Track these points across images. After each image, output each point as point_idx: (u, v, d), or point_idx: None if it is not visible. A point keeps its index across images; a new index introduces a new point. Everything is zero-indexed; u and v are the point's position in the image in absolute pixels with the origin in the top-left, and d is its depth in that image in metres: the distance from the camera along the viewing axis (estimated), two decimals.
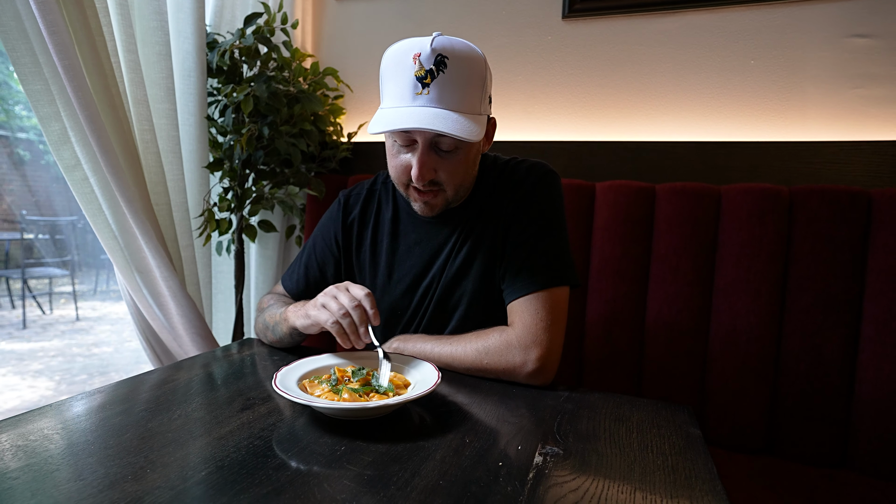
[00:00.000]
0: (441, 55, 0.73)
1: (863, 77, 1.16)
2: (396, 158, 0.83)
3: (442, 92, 0.74)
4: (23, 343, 3.43)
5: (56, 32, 0.96)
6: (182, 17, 1.27)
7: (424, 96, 0.74)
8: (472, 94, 0.77)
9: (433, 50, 0.73)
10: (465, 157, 0.82)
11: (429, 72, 0.74)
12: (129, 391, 0.73)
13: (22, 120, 4.81)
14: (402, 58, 0.76)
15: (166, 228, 1.26)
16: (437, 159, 0.80)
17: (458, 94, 0.75)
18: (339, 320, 0.74)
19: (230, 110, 1.36)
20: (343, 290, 0.76)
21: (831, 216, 1.05)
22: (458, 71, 0.75)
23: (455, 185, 0.84)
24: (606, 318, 1.19)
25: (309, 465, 0.53)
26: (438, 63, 0.73)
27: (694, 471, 0.55)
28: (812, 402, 1.05)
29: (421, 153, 0.79)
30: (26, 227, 4.45)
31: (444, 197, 0.85)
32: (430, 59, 0.73)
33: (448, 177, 0.82)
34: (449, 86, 0.74)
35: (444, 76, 0.74)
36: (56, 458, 0.53)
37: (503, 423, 0.66)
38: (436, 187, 0.83)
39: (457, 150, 0.80)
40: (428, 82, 0.74)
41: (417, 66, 0.74)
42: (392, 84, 0.78)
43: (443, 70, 0.74)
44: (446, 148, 0.79)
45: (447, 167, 0.81)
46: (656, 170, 1.28)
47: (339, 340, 0.76)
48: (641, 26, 1.32)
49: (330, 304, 0.76)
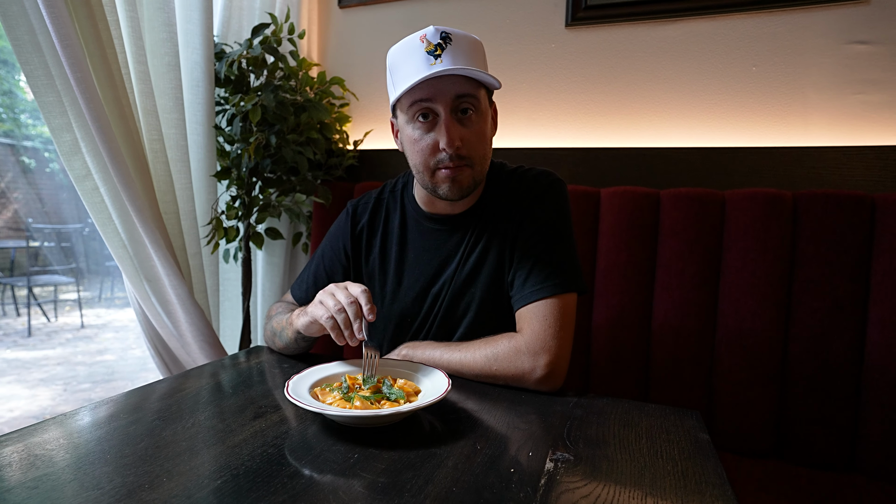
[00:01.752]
0: (444, 32, 0.81)
1: (864, 83, 1.16)
2: (420, 142, 0.84)
3: (455, 58, 0.80)
4: (28, 351, 3.44)
5: (69, 45, 0.98)
6: (191, 29, 1.29)
7: (439, 65, 0.79)
8: (479, 60, 0.84)
9: (437, 29, 0.80)
10: (482, 125, 0.86)
11: (437, 45, 0.80)
12: (140, 400, 0.74)
13: (28, 128, 4.85)
14: (409, 43, 0.82)
15: (175, 237, 1.27)
16: (461, 128, 0.84)
17: (469, 58, 0.81)
18: (333, 315, 0.74)
19: (238, 119, 1.38)
20: (342, 287, 0.77)
21: (835, 220, 1.05)
22: (463, 43, 0.82)
23: (479, 156, 0.86)
24: (613, 322, 1.19)
25: (323, 473, 0.54)
26: (444, 38, 0.80)
27: (704, 476, 0.55)
28: (820, 405, 1.05)
29: (446, 120, 0.82)
30: (32, 235, 4.47)
31: (469, 172, 0.86)
32: (436, 35, 0.80)
33: (471, 147, 0.84)
34: (459, 53, 0.81)
35: (451, 47, 0.80)
36: (71, 468, 0.53)
37: (513, 430, 0.66)
38: (462, 161, 0.85)
39: (475, 118, 0.84)
40: (439, 53, 0.80)
41: (426, 44, 0.80)
42: (404, 67, 0.82)
43: (450, 42, 0.80)
44: (467, 114, 0.83)
45: (469, 136, 0.84)
46: (660, 175, 1.28)
47: (333, 336, 0.76)
48: (644, 34, 1.33)
49: (327, 300, 0.77)
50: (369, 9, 1.62)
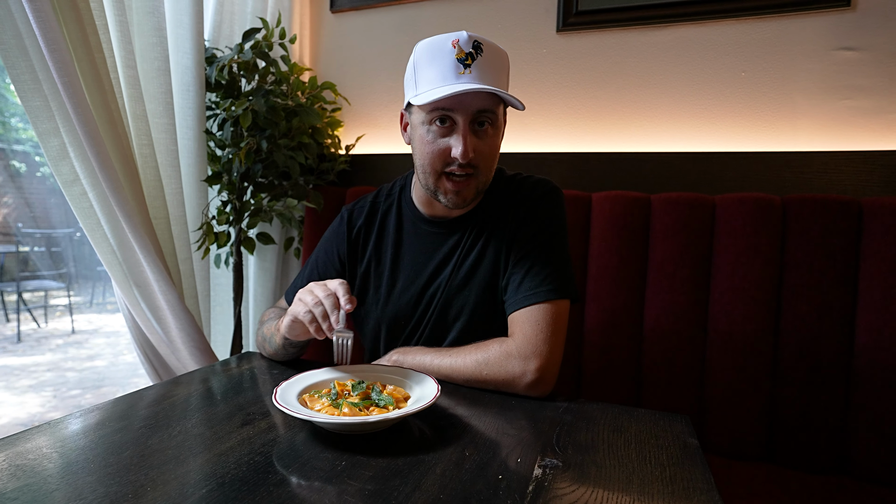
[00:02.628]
0: (477, 41, 0.80)
1: (850, 88, 1.18)
2: (433, 144, 0.85)
3: (483, 72, 0.80)
4: (17, 357, 3.40)
5: (56, 49, 0.97)
6: (181, 33, 1.29)
7: (467, 75, 0.80)
8: (503, 79, 0.84)
9: (470, 36, 0.80)
10: (495, 140, 0.87)
11: (469, 54, 0.80)
12: (128, 408, 0.73)
13: (18, 132, 4.81)
14: (441, 44, 0.81)
15: (165, 242, 1.26)
16: (476, 140, 0.84)
17: (495, 76, 0.82)
18: (311, 309, 0.75)
19: (229, 124, 1.37)
20: (320, 284, 0.78)
21: (823, 225, 1.06)
22: (492, 56, 0.82)
23: (487, 168, 0.87)
24: (604, 327, 1.19)
25: (310, 481, 0.54)
26: (476, 47, 0.80)
27: (692, 481, 0.55)
28: (810, 409, 1.05)
29: (464, 130, 0.82)
30: (22, 240, 4.43)
31: (475, 183, 0.87)
32: (469, 43, 0.80)
33: (482, 159, 0.85)
34: (487, 68, 0.81)
35: (482, 58, 0.80)
36: (55, 478, 0.53)
37: (503, 436, 0.66)
38: (471, 170, 0.85)
39: (490, 131, 0.85)
40: (469, 63, 0.80)
41: (458, 50, 0.80)
42: (431, 69, 0.82)
43: (480, 53, 0.80)
44: (483, 127, 0.84)
45: (483, 148, 0.84)
46: (651, 180, 1.29)
47: (312, 332, 0.76)
48: (635, 39, 1.34)
49: (306, 297, 0.77)
50: (361, 13, 1.62)
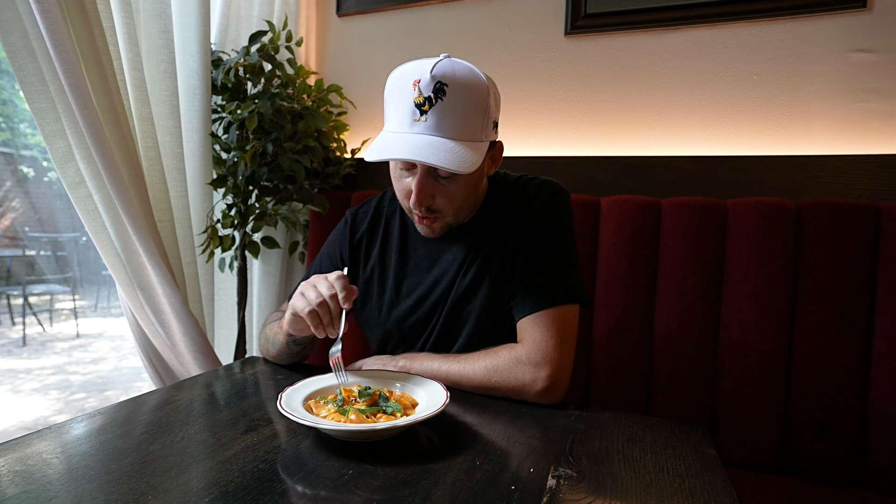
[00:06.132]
0: (441, 82, 0.72)
1: (866, 91, 1.16)
2: (399, 181, 0.83)
3: (440, 120, 0.73)
4: (22, 360, 3.40)
5: (63, 51, 0.96)
6: (188, 36, 1.28)
7: (422, 123, 0.73)
8: (472, 121, 0.75)
9: (433, 77, 0.72)
10: (465, 184, 0.81)
11: (427, 99, 0.73)
12: (130, 413, 0.71)
13: (27, 137, 4.84)
14: (404, 83, 0.75)
15: (169, 245, 1.25)
16: (436, 185, 0.80)
17: (457, 122, 0.74)
18: (315, 308, 0.74)
19: (234, 127, 1.36)
20: (322, 277, 0.76)
21: (839, 230, 1.04)
22: (458, 98, 0.73)
23: (454, 210, 0.84)
24: (613, 333, 1.17)
25: (316, 490, 0.52)
26: (437, 90, 0.72)
27: (713, 494, 0.53)
28: (825, 419, 1.03)
29: (419, 179, 0.79)
30: (28, 244, 4.44)
31: (443, 222, 0.85)
32: (430, 86, 0.72)
33: (446, 203, 0.82)
34: (448, 113, 0.73)
35: (442, 103, 0.73)
36: (55, 484, 0.51)
37: (514, 444, 0.64)
38: (434, 214, 0.83)
39: (456, 177, 0.80)
40: (426, 109, 0.73)
41: (417, 93, 0.73)
42: (393, 108, 0.78)
43: (441, 97, 0.73)
44: (445, 174, 0.79)
45: (446, 193, 0.81)
46: (661, 185, 1.27)
47: (313, 329, 0.75)
48: (644, 42, 1.33)
49: (308, 292, 0.75)
50: (367, 17, 1.62)
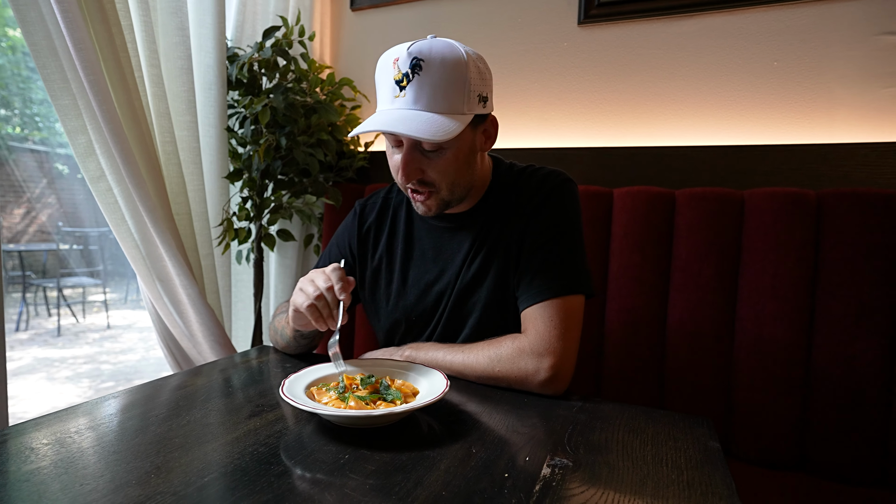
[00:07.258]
0: (416, 58, 0.75)
1: (894, 76, 1.11)
2: (392, 159, 0.85)
3: (418, 93, 0.76)
4: (57, 350, 3.55)
5: (83, 49, 1.00)
6: (204, 33, 1.31)
7: (401, 99, 0.77)
8: (451, 93, 0.77)
9: (409, 53, 0.75)
10: (454, 157, 0.82)
11: (405, 75, 0.76)
12: (145, 396, 0.74)
13: (62, 136, 5.03)
14: (386, 63, 0.79)
15: (186, 238, 1.28)
16: (423, 159, 0.81)
17: (435, 94, 0.76)
18: (314, 303, 0.75)
19: (249, 122, 1.39)
20: (320, 272, 0.78)
21: (863, 221, 1.00)
22: (433, 72, 0.76)
23: (448, 183, 0.83)
24: (626, 326, 1.16)
25: (312, 473, 0.53)
26: (414, 66, 0.75)
27: (711, 486, 0.52)
28: (847, 415, 0.99)
29: (405, 153, 0.80)
30: (62, 239, 4.62)
31: (438, 197, 0.85)
32: (407, 62, 0.76)
33: (438, 176, 0.82)
34: (425, 87, 0.76)
35: (419, 78, 0.76)
36: (64, 463, 0.53)
37: (513, 433, 0.64)
38: (428, 188, 0.83)
39: (443, 150, 0.80)
40: (404, 85, 0.76)
41: (395, 71, 0.77)
42: (378, 89, 0.82)
43: (418, 73, 0.76)
44: (430, 147, 0.80)
45: (435, 167, 0.81)
46: (677, 175, 1.24)
47: (313, 322, 0.77)
48: (659, 30, 1.30)
49: (307, 287, 0.77)
50: (381, 11, 1.62)
